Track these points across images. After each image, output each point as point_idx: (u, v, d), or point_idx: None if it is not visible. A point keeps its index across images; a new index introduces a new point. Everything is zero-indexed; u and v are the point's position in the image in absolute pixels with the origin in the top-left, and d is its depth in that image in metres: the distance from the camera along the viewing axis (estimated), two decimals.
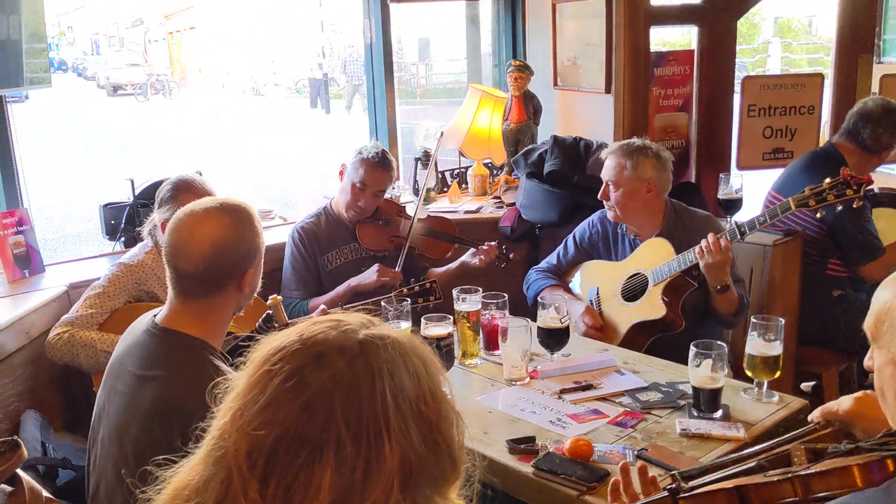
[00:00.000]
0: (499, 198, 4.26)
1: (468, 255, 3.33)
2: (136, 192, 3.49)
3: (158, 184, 3.39)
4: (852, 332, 3.22)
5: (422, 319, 2.54)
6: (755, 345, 2.25)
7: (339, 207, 3.35)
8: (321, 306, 2.89)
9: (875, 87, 4.30)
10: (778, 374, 2.26)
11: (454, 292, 2.68)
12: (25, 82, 3.29)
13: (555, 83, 4.42)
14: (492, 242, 3.32)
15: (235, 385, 1.00)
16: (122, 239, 3.49)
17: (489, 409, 2.29)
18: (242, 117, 19.97)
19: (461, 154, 4.58)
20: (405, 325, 2.53)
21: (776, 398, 2.25)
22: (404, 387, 0.96)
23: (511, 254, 3.36)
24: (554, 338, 2.56)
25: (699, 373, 2.15)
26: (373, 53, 4.42)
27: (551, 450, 1.99)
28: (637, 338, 2.90)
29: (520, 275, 3.40)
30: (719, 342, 2.19)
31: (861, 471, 1.29)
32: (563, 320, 2.54)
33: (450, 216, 3.74)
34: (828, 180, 2.57)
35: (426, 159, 4.33)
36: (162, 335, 1.78)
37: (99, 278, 2.80)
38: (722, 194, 3.35)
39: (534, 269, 3.31)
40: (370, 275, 3.15)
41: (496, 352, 2.63)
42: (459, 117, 4.56)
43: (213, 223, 1.77)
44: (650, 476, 1.57)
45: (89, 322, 2.69)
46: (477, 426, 2.16)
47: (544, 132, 4.34)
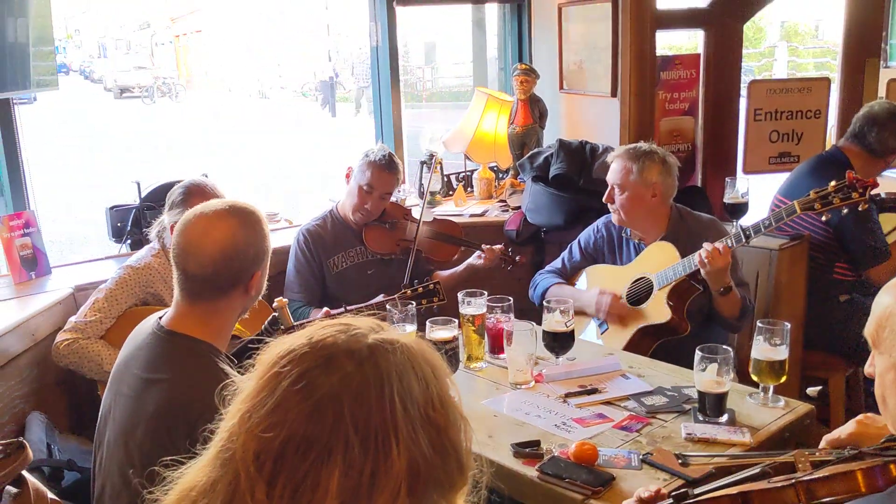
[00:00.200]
0: (504, 201, 4.26)
1: (474, 258, 3.33)
2: (143, 195, 3.50)
3: (164, 186, 3.42)
4: (859, 337, 3.19)
5: (427, 323, 2.54)
6: (761, 349, 2.24)
7: (346, 210, 3.35)
8: (325, 308, 2.88)
9: (882, 91, 4.29)
10: (784, 379, 2.25)
11: (459, 296, 2.68)
12: (32, 85, 3.31)
13: (560, 87, 4.42)
14: (497, 245, 3.32)
15: (244, 387, 1.00)
16: (129, 241, 3.50)
17: (494, 413, 2.29)
18: (248, 120, 20.01)
19: (467, 157, 4.58)
20: (410, 328, 2.52)
21: (782, 403, 2.24)
22: (413, 391, 0.96)
23: (517, 256, 3.36)
24: (559, 341, 2.55)
25: (705, 377, 2.15)
26: (379, 57, 4.42)
27: (556, 454, 1.99)
28: (642, 342, 2.89)
29: (525, 278, 3.40)
30: (725, 346, 2.18)
31: (864, 476, 1.29)
32: (569, 324, 2.54)
33: (455, 219, 3.74)
34: (833, 183, 2.57)
35: (432, 162, 4.32)
36: (167, 338, 1.78)
37: (106, 281, 2.81)
38: (728, 198, 3.34)
39: (539, 273, 3.31)
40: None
41: (501, 355, 2.63)
42: (465, 121, 4.57)
43: (224, 226, 1.78)
44: (656, 489, 1.57)
45: (97, 328, 2.70)
46: (482, 430, 2.16)
47: (550, 136, 4.34)
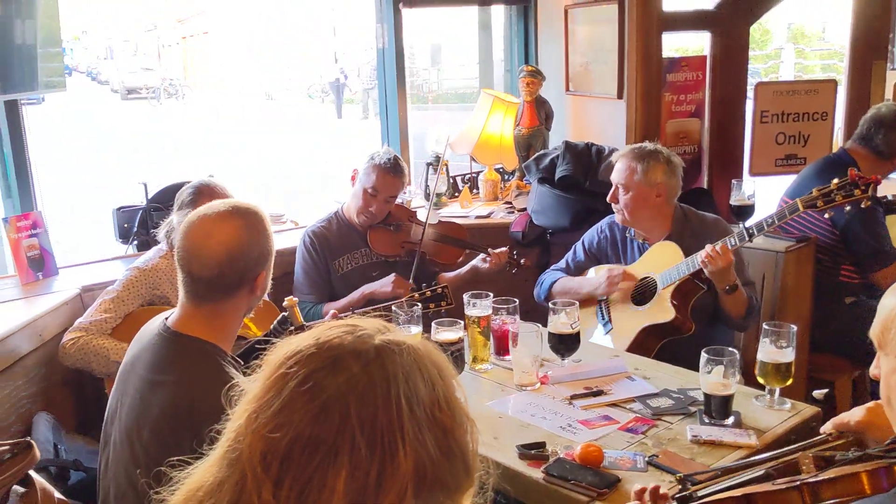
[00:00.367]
0: (510, 203, 4.26)
1: (478, 260, 3.33)
2: (149, 196, 3.51)
3: (171, 187, 3.42)
4: (865, 339, 3.19)
5: (432, 324, 2.54)
6: (767, 351, 2.24)
7: (351, 212, 3.35)
8: (331, 311, 2.90)
9: (889, 94, 4.28)
10: (790, 382, 2.24)
11: (465, 297, 2.68)
12: (40, 86, 3.33)
13: (567, 88, 4.42)
14: (503, 248, 3.32)
15: (250, 388, 1.00)
16: (135, 242, 3.51)
17: (499, 415, 2.29)
18: (254, 121, 20.04)
19: (472, 159, 4.58)
20: (416, 330, 2.53)
21: (788, 405, 2.24)
22: (419, 392, 0.96)
23: (522, 259, 3.36)
24: (565, 343, 2.55)
25: (710, 379, 2.14)
26: (385, 59, 4.43)
27: (562, 455, 1.99)
28: (647, 341, 2.89)
29: (531, 280, 3.40)
30: (731, 348, 2.18)
31: (869, 477, 1.29)
32: (574, 325, 2.54)
33: (461, 221, 3.75)
34: (835, 181, 2.57)
35: (437, 164, 4.33)
36: (173, 339, 1.78)
37: (113, 282, 2.82)
38: (734, 200, 3.33)
39: (544, 273, 3.31)
40: (385, 284, 3.15)
41: (507, 357, 2.62)
42: (471, 122, 4.57)
43: (227, 227, 1.78)
44: (661, 493, 1.56)
45: (103, 327, 2.70)
46: (487, 431, 2.16)
47: (556, 137, 4.33)
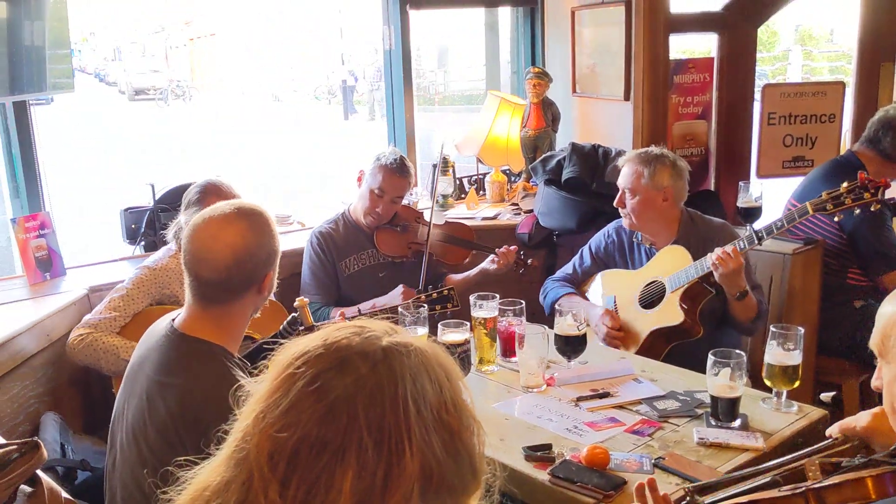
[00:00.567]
0: (516, 205, 4.26)
1: (487, 262, 3.32)
2: (157, 197, 3.52)
3: (178, 188, 3.44)
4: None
5: (438, 325, 2.54)
6: (774, 354, 2.23)
7: (357, 213, 3.36)
8: (340, 311, 2.90)
9: None
10: (797, 384, 2.24)
11: (471, 298, 2.68)
12: (48, 87, 3.34)
13: (573, 90, 4.41)
14: (511, 247, 3.31)
15: (258, 388, 1.00)
16: (143, 243, 3.52)
17: (506, 417, 2.29)
18: (261, 123, 20.08)
19: (479, 161, 4.58)
20: (422, 331, 2.53)
21: (795, 408, 2.23)
22: (426, 394, 0.96)
23: (529, 259, 3.35)
24: (571, 345, 2.55)
25: (717, 381, 2.14)
26: (392, 60, 4.43)
27: (568, 457, 1.98)
28: (655, 345, 2.89)
29: (537, 281, 3.39)
30: (738, 351, 2.18)
31: (875, 483, 1.29)
32: (581, 328, 2.54)
33: (467, 223, 3.75)
34: (845, 184, 2.57)
35: (444, 165, 4.34)
36: (180, 341, 1.78)
37: (121, 281, 2.83)
38: (742, 202, 3.33)
39: (550, 279, 3.31)
40: (395, 298, 3.15)
41: (513, 359, 2.62)
42: (477, 124, 4.57)
43: (234, 229, 1.78)
44: (662, 493, 1.56)
45: (112, 325, 2.71)
46: (493, 433, 2.16)
47: (562, 139, 4.33)
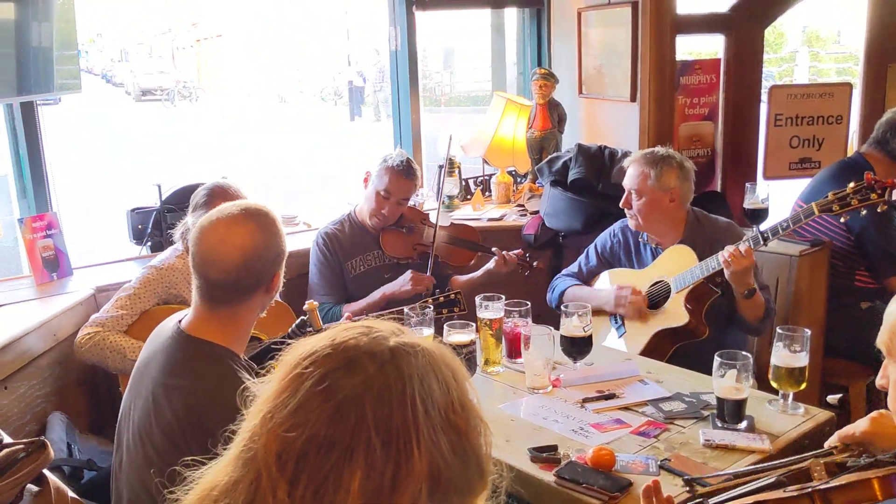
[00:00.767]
0: (522, 206, 4.26)
1: (491, 263, 3.33)
2: (163, 198, 3.53)
3: (185, 189, 3.44)
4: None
5: (444, 326, 2.54)
6: (781, 356, 2.22)
7: (363, 215, 3.36)
8: (346, 313, 2.90)
9: None
10: (804, 386, 2.23)
11: (477, 300, 2.68)
12: (56, 88, 3.35)
13: (579, 91, 4.41)
14: (515, 251, 3.31)
15: (265, 388, 1.00)
16: (149, 243, 3.53)
17: (511, 418, 2.29)
18: (267, 124, 20.11)
19: (485, 162, 4.58)
20: (427, 333, 2.53)
21: (802, 410, 2.22)
22: (434, 394, 0.96)
23: (535, 262, 3.36)
24: (577, 346, 2.55)
25: (724, 383, 2.14)
26: (398, 61, 4.44)
27: (573, 459, 1.98)
28: (660, 345, 2.88)
29: (543, 283, 3.39)
30: (744, 352, 2.17)
31: (880, 483, 1.29)
32: (587, 329, 2.54)
33: (473, 224, 3.75)
34: (851, 185, 2.56)
35: (450, 166, 4.34)
36: (187, 343, 1.78)
37: (128, 281, 2.84)
38: (748, 204, 3.32)
39: (557, 277, 3.31)
40: (403, 283, 3.16)
41: (518, 360, 2.62)
42: (484, 125, 4.57)
43: (242, 231, 1.78)
44: (666, 496, 1.56)
45: (119, 324, 2.72)
46: (499, 434, 2.15)
47: (569, 140, 4.33)
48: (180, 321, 1.84)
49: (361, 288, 3.29)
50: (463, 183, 4.48)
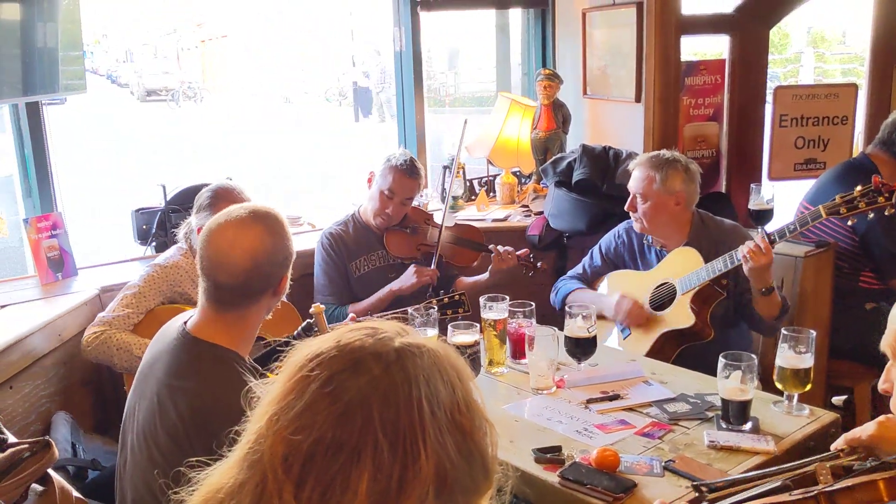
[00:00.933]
0: (527, 206, 4.25)
1: (493, 262, 3.32)
2: (168, 198, 3.54)
3: (189, 189, 3.45)
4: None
5: (448, 327, 2.54)
6: (785, 357, 2.22)
7: (367, 215, 3.36)
8: (350, 314, 2.90)
9: None
10: (809, 387, 2.23)
11: (481, 300, 2.68)
12: (61, 89, 3.35)
13: (584, 92, 4.41)
14: (520, 252, 3.31)
15: (271, 389, 1.00)
16: (153, 244, 3.53)
17: (515, 418, 2.28)
18: (272, 124, 20.12)
19: (489, 162, 4.58)
20: (431, 333, 2.53)
21: (806, 411, 2.22)
22: (439, 395, 0.96)
23: (538, 262, 3.35)
24: (581, 347, 2.55)
25: (728, 384, 2.13)
26: (402, 62, 4.44)
27: (578, 460, 1.98)
28: (665, 347, 2.88)
29: (547, 284, 3.39)
30: (749, 353, 2.17)
31: (887, 485, 1.28)
32: (591, 329, 2.53)
33: (477, 224, 3.74)
34: (859, 188, 2.55)
35: (453, 166, 4.33)
36: (193, 345, 1.78)
37: (133, 280, 2.84)
38: (753, 205, 3.31)
39: (561, 279, 3.30)
40: (408, 278, 3.17)
41: (523, 360, 2.62)
42: (488, 126, 4.57)
43: (251, 234, 1.77)
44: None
45: (125, 322, 2.73)
46: (503, 435, 2.12)
47: (573, 141, 4.33)
48: (186, 322, 1.83)
49: (366, 288, 3.29)
50: (467, 183, 4.48)
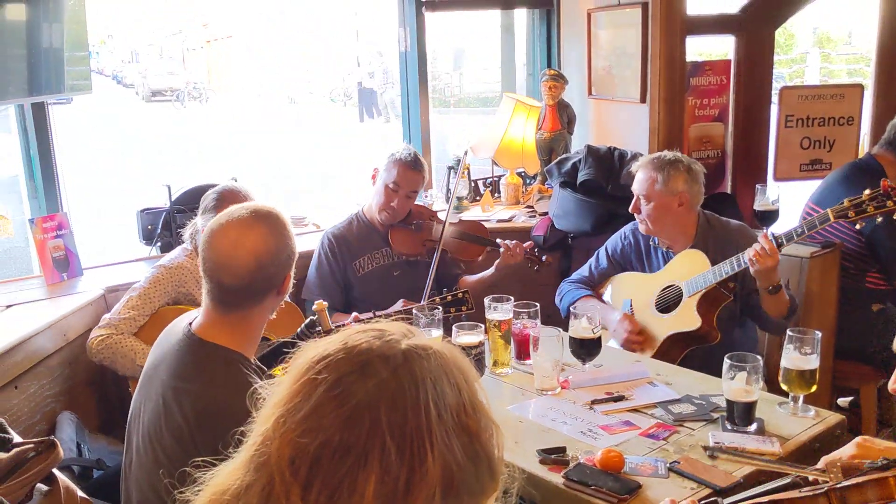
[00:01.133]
0: (531, 207, 4.25)
1: (501, 257, 3.31)
2: (173, 198, 3.54)
3: (195, 189, 3.45)
4: (891, 347, 3.16)
5: (453, 327, 2.54)
6: (791, 358, 2.21)
7: (372, 212, 3.36)
8: (353, 314, 2.89)
9: None
10: (814, 389, 2.22)
11: (486, 301, 2.68)
12: (66, 89, 3.36)
13: (589, 92, 4.40)
14: (525, 244, 3.30)
15: (277, 391, 1.00)
16: (159, 244, 3.54)
17: (520, 419, 2.28)
18: (277, 125, 20.15)
19: (494, 163, 4.58)
20: (436, 334, 2.53)
21: (812, 413, 2.21)
22: (446, 397, 0.96)
23: (543, 256, 3.34)
24: (586, 348, 2.54)
25: (733, 385, 2.13)
26: (407, 62, 4.44)
27: (582, 461, 1.98)
28: (671, 349, 2.87)
29: (552, 284, 3.38)
30: (754, 355, 2.16)
31: None
32: (596, 330, 2.53)
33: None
34: (867, 192, 2.54)
35: (458, 167, 4.34)
36: (197, 346, 1.78)
37: (138, 281, 2.85)
38: (758, 205, 3.31)
39: (566, 281, 3.29)
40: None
41: (527, 361, 2.61)
42: (493, 126, 4.57)
43: (255, 234, 1.77)
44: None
45: (131, 325, 2.74)
46: (508, 436, 2.11)
47: (578, 141, 4.32)
48: (190, 324, 1.83)
49: (369, 287, 3.29)
50: (472, 184, 4.48)
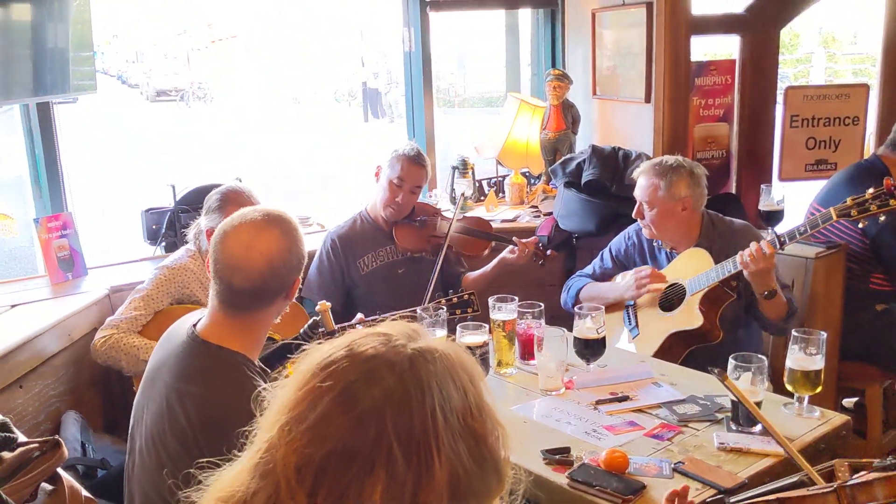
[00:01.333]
0: (536, 207, 4.25)
1: (506, 252, 3.31)
2: (177, 198, 3.54)
3: (199, 189, 3.45)
4: None
5: (457, 328, 2.54)
6: (796, 359, 2.21)
7: (376, 210, 3.36)
8: (359, 315, 2.87)
9: None
10: (819, 389, 2.22)
11: (490, 301, 2.68)
12: (71, 89, 3.37)
13: (594, 92, 4.40)
14: (531, 238, 3.30)
15: (281, 395, 1.00)
16: (163, 244, 3.54)
17: (524, 419, 2.28)
18: (282, 125, 20.16)
19: (499, 163, 4.58)
20: (441, 334, 2.52)
21: (817, 413, 2.21)
22: (452, 400, 0.96)
23: (549, 250, 3.34)
24: (590, 348, 2.54)
25: (738, 386, 2.12)
26: (412, 62, 4.44)
27: (586, 461, 1.97)
28: (674, 348, 2.87)
29: (557, 284, 3.38)
30: (759, 355, 2.16)
31: None
32: (600, 331, 2.53)
33: None
34: (870, 191, 2.54)
35: (463, 168, 4.34)
36: (202, 348, 1.77)
37: (142, 281, 2.85)
38: (763, 206, 3.31)
39: (571, 278, 3.30)
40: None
41: (531, 361, 2.61)
42: (497, 126, 4.56)
43: (267, 238, 1.76)
44: (689, 501, 1.55)
45: (134, 325, 2.74)
46: (512, 436, 2.14)
47: (583, 141, 4.32)
48: (195, 325, 1.81)
49: (374, 285, 3.29)
50: (476, 184, 4.47)
